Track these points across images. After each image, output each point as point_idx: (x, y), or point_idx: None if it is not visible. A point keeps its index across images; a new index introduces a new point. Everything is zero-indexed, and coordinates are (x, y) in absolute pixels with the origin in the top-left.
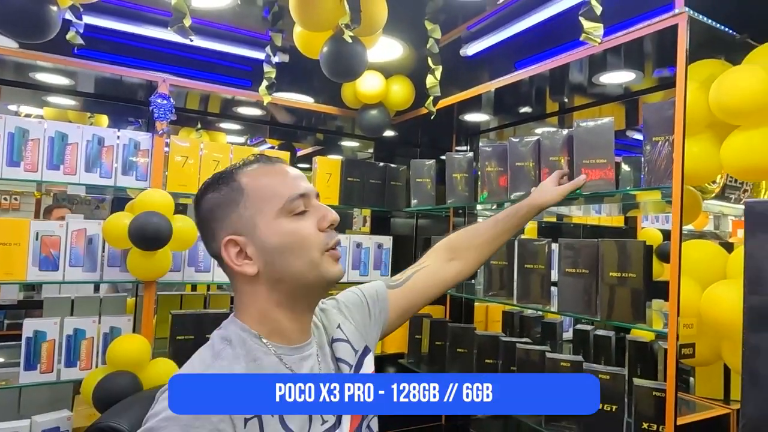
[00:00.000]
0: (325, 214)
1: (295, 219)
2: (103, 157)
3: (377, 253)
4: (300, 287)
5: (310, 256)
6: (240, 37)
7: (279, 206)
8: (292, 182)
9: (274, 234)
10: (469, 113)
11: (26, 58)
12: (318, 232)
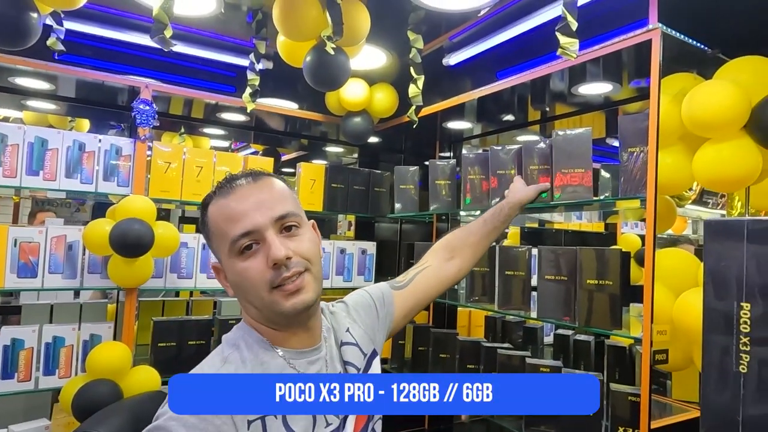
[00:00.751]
0: (268, 253)
1: (243, 258)
2: (84, 162)
3: (361, 259)
4: (269, 317)
5: (258, 295)
6: (224, 44)
7: (227, 247)
8: (237, 220)
9: (229, 272)
10: (452, 121)
11: (5, 63)
12: (265, 270)
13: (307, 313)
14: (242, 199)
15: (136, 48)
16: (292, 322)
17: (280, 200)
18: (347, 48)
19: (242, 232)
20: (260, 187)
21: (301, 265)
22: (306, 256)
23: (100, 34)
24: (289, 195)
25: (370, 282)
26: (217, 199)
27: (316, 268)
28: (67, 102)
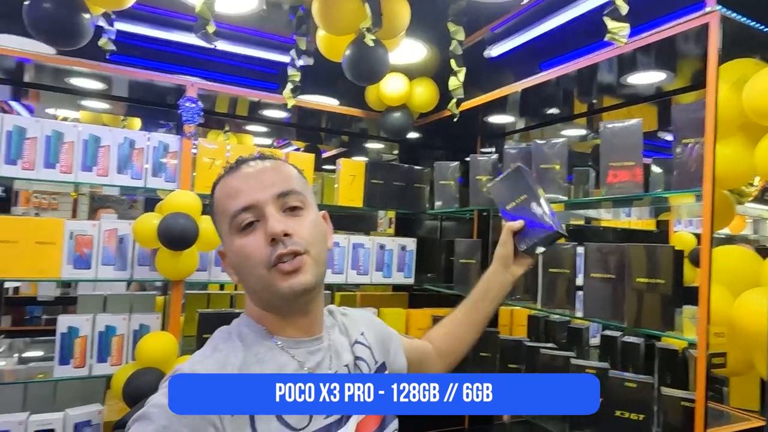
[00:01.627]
0: (265, 227)
1: (243, 235)
2: (134, 159)
3: (401, 255)
4: (268, 300)
5: (256, 273)
6: (266, 41)
7: (228, 223)
8: (237, 193)
9: (230, 251)
10: (493, 115)
11: (63, 64)
12: (263, 246)
13: (306, 298)
14: (246, 177)
15: (182, 47)
16: (291, 306)
17: (284, 179)
18: (387, 41)
19: (242, 207)
20: (265, 166)
21: (300, 246)
22: (306, 237)
23: (148, 33)
24: (295, 176)
25: (410, 279)
26: (223, 178)
27: (316, 252)
28: (118, 101)
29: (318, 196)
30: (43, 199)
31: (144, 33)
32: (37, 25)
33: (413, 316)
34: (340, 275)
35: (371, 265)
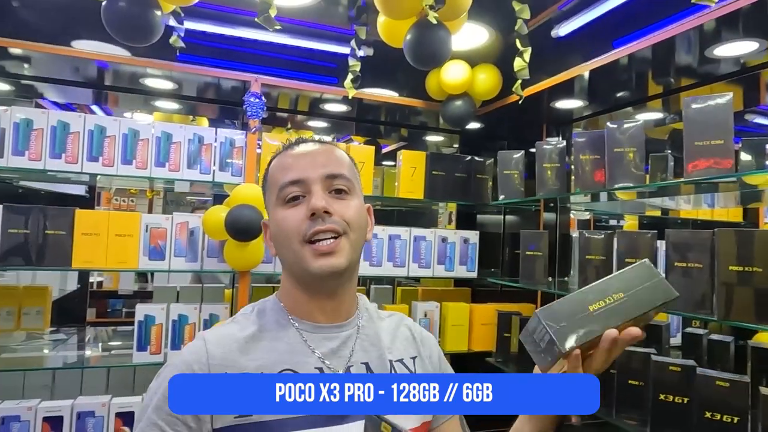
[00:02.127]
0: (309, 202)
1: (287, 207)
2: (202, 154)
3: (463, 248)
4: (299, 275)
5: (292, 247)
6: (326, 34)
7: (275, 194)
8: (289, 168)
9: (272, 222)
10: (561, 100)
11: (136, 65)
12: (303, 220)
13: (336, 282)
14: (300, 155)
15: (245, 44)
16: (319, 286)
17: (337, 162)
18: (449, 23)
19: (291, 180)
20: (321, 147)
21: (340, 226)
22: (347, 219)
23: (211, 31)
24: (347, 163)
25: (473, 272)
26: (279, 154)
27: (355, 236)
28: (187, 101)
29: (378, 190)
30: (123, 201)
31: (208, 30)
32: (112, 23)
33: (477, 311)
34: (402, 268)
35: (433, 259)
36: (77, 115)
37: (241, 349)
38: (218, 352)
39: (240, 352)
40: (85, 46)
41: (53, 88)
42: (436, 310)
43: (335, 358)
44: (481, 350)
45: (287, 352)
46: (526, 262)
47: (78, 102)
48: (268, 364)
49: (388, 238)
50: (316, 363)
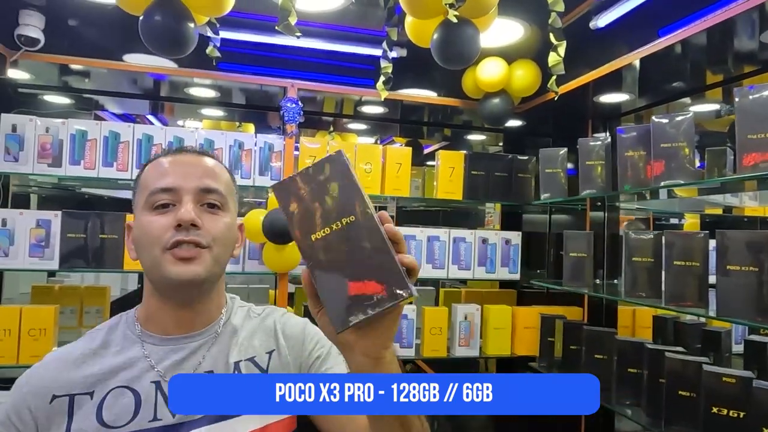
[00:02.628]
0: (178, 210)
1: (154, 213)
2: (243, 159)
3: (505, 249)
4: (156, 282)
5: (151, 253)
6: (362, 37)
7: (144, 198)
8: (163, 174)
9: (136, 225)
10: (606, 94)
11: (182, 75)
12: (167, 229)
13: (193, 292)
14: (177, 163)
15: (282, 51)
16: (175, 294)
17: (213, 176)
18: (477, 20)
19: (162, 187)
20: (200, 159)
21: (205, 240)
22: (214, 234)
23: (250, 39)
24: (225, 178)
25: (515, 274)
26: (156, 159)
27: (219, 251)
28: (231, 107)
29: (419, 191)
30: None
31: (246, 39)
32: (149, 36)
33: (520, 313)
34: (441, 270)
35: (473, 260)
36: (126, 125)
37: (75, 368)
38: (50, 374)
39: (73, 372)
40: (136, 59)
41: (110, 99)
42: (477, 312)
43: (177, 371)
44: (524, 354)
45: (123, 368)
46: (570, 263)
47: (135, 112)
48: (99, 380)
49: (426, 240)
50: (153, 377)
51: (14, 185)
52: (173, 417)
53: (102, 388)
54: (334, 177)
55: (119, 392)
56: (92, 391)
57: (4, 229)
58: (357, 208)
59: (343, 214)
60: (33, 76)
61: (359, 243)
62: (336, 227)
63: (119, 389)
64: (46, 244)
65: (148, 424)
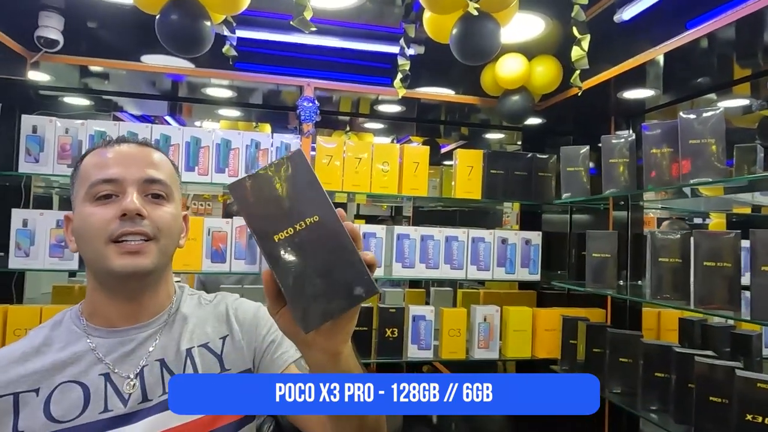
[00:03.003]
0: (121, 204)
1: (96, 204)
2: (259, 159)
3: (525, 250)
4: (99, 275)
5: (93, 245)
6: (378, 34)
7: (85, 189)
8: (105, 165)
9: (76, 217)
10: (629, 89)
11: (199, 76)
12: (111, 220)
13: (139, 284)
14: (119, 154)
15: (299, 50)
16: (120, 287)
17: (156, 167)
18: (497, 14)
19: (104, 178)
20: (141, 150)
21: (150, 231)
22: (159, 224)
23: (266, 38)
24: (168, 168)
25: (535, 275)
26: (96, 149)
27: (165, 243)
28: (248, 107)
29: (436, 191)
30: (200, 205)
31: (262, 38)
32: (165, 35)
33: (540, 315)
34: (459, 271)
35: (492, 261)
36: (144, 125)
37: (18, 366)
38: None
39: (15, 370)
40: (154, 60)
41: (129, 101)
42: (496, 314)
43: (126, 362)
44: (545, 357)
45: (70, 363)
46: (592, 264)
47: (153, 113)
48: (44, 377)
49: (445, 240)
50: (102, 370)
51: (37, 186)
52: (124, 407)
53: (48, 384)
54: (295, 176)
55: (67, 387)
56: (38, 388)
57: (25, 229)
58: (320, 208)
59: (307, 214)
60: (53, 77)
61: (324, 242)
62: (300, 227)
63: (67, 384)
64: (66, 244)
65: (98, 415)
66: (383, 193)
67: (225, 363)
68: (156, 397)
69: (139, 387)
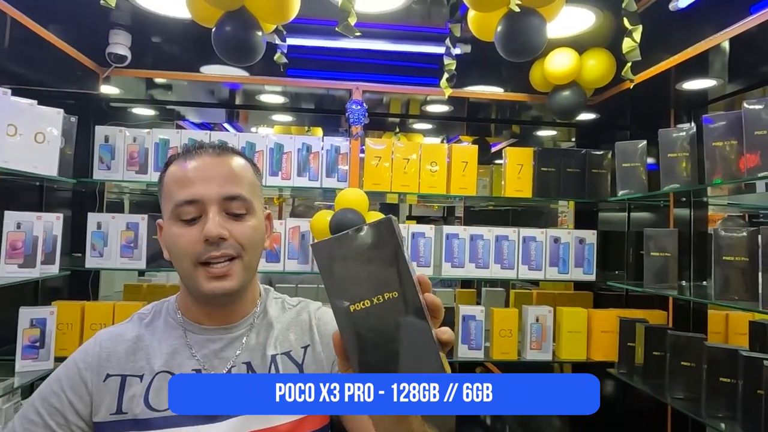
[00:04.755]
0: (204, 223)
1: (180, 225)
2: (311, 162)
3: (579, 249)
4: (189, 288)
5: (183, 264)
6: (425, 35)
7: (170, 209)
8: (185, 183)
9: (165, 232)
10: (690, 80)
11: (254, 83)
12: (196, 243)
13: (225, 300)
14: (199, 168)
15: (347, 54)
16: (208, 302)
17: (236, 180)
18: (544, 9)
19: (186, 199)
20: (221, 161)
21: (234, 250)
22: (242, 242)
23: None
24: (248, 178)
25: (590, 275)
26: (178, 160)
27: (249, 257)
28: (299, 112)
29: (486, 190)
30: None
31: (312, 44)
32: (220, 46)
33: (596, 317)
34: (510, 270)
35: (544, 260)
36: (203, 132)
37: (128, 350)
38: (104, 353)
39: (126, 353)
40: (211, 70)
41: (190, 109)
42: (549, 315)
43: (216, 359)
44: (601, 360)
45: (169, 354)
46: (652, 264)
47: (212, 121)
48: (149, 366)
49: (495, 239)
50: (194, 365)
51: (109, 192)
52: None
53: (150, 372)
54: (381, 244)
55: (164, 377)
56: (142, 375)
57: (99, 231)
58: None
59: (387, 288)
60: (122, 90)
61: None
62: (378, 301)
63: (164, 374)
64: (134, 245)
65: None
66: (432, 193)
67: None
68: None
69: None
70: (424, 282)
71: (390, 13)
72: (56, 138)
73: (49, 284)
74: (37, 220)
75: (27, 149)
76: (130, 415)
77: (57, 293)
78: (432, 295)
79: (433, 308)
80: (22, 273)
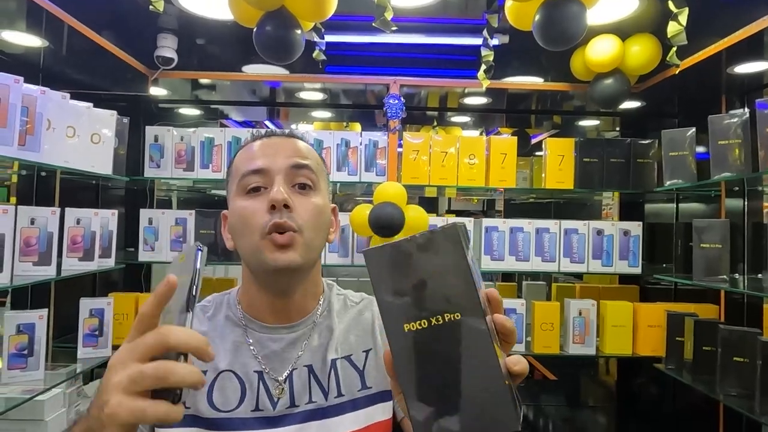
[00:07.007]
0: (270, 191)
1: (247, 197)
2: (349, 156)
3: (623, 241)
4: (254, 268)
5: (250, 239)
6: (462, 27)
7: (236, 183)
8: (252, 157)
9: (231, 212)
10: (742, 63)
11: (293, 81)
12: (263, 213)
13: (289, 279)
14: (266, 146)
15: (384, 49)
16: (272, 281)
17: (302, 154)
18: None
19: (253, 169)
20: (288, 140)
21: (296, 224)
22: (304, 218)
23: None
24: (315, 157)
25: (636, 268)
26: (246, 145)
27: (310, 236)
28: (337, 108)
29: (527, 182)
30: None
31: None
32: (261, 45)
33: (642, 311)
34: (551, 263)
35: (587, 253)
36: (246, 130)
37: None
38: None
39: None
40: (253, 69)
41: (233, 108)
42: (593, 308)
43: (278, 361)
44: (648, 355)
45: (231, 351)
46: (700, 256)
47: (254, 119)
48: (213, 363)
49: (535, 232)
50: (256, 366)
51: (159, 189)
52: (273, 410)
53: (213, 369)
54: (444, 256)
55: (227, 376)
56: (205, 371)
57: (150, 227)
58: (465, 304)
59: (447, 308)
60: (169, 91)
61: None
62: (436, 322)
63: (227, 373)
64: (183, 239)
65: (250, 413)
66: (470, 186)
67: (366, 380)
68: (302, 404)
69: (287, 392)
70: (494, 300)
71: (426, 7)
72: (110, 138)
73: (106, 277)
74: (95, 216)
75: (84, 149)
76: (192, 410)
77: (113, 285)
78: (503, 317)
79: (504, 332)
80: (82, 266)
